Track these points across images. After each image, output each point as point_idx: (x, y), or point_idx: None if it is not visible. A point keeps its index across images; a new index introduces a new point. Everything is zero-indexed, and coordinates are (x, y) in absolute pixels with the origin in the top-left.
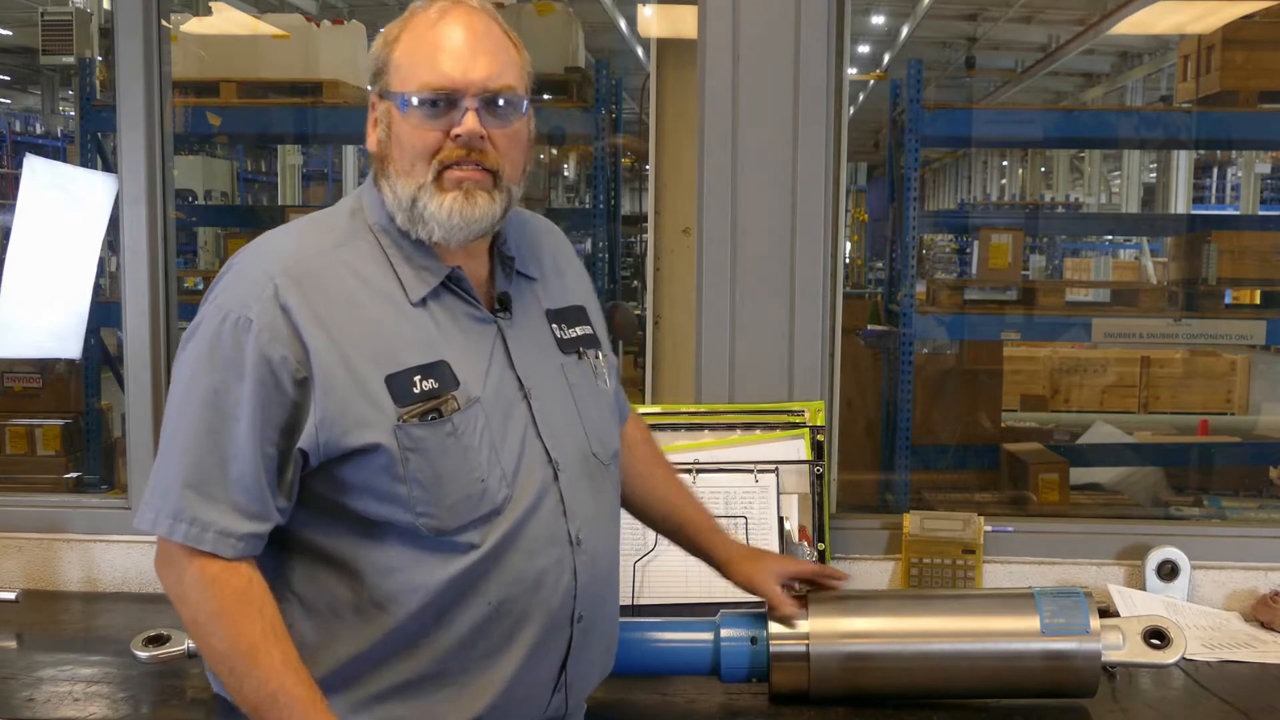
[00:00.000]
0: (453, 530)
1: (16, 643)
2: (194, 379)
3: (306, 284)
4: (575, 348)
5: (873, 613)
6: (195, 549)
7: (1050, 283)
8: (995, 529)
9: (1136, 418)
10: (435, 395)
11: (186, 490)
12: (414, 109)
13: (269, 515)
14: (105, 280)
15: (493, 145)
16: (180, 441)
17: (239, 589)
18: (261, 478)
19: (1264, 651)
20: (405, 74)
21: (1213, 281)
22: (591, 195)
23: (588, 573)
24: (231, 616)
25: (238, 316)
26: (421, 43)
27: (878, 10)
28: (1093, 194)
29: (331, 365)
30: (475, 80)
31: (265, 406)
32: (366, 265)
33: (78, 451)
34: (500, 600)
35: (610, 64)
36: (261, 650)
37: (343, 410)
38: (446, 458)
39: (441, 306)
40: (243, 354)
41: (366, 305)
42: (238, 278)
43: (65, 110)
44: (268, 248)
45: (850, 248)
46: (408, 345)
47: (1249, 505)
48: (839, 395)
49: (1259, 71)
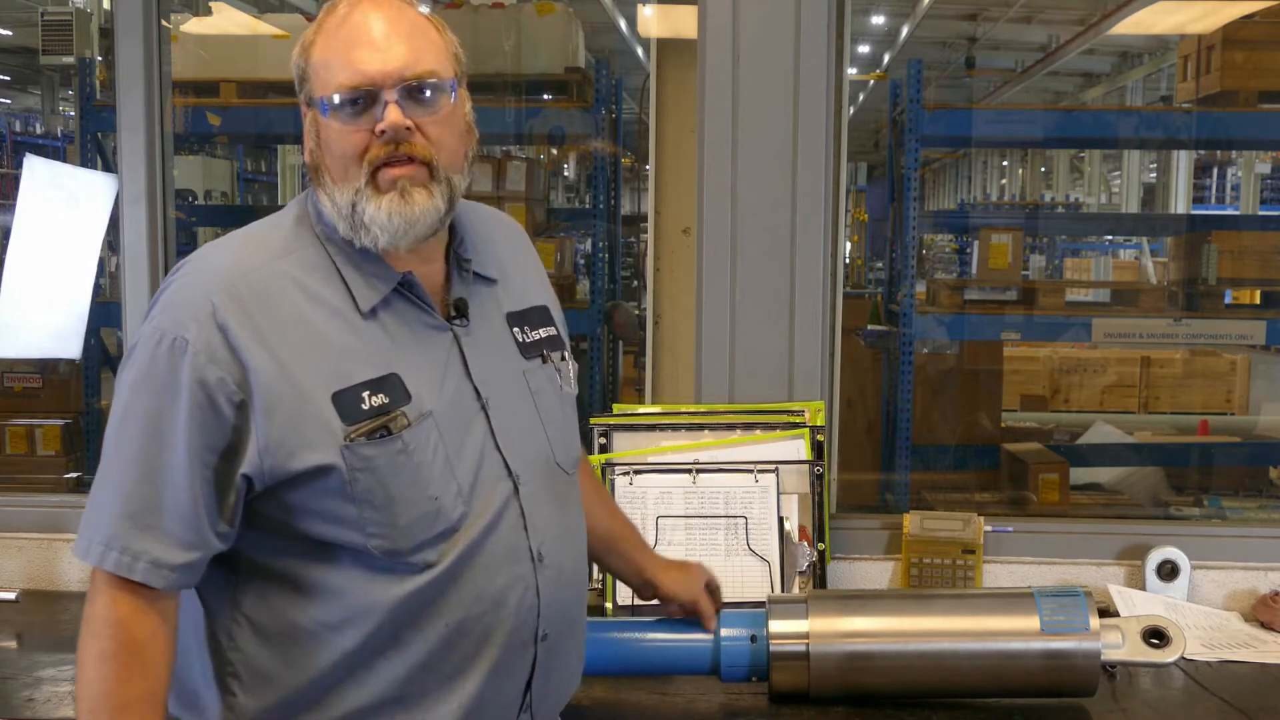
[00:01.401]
0: (406, 551)
1: (16, 643)
2: (130, 404)
3: (247, 300)
4: (538, 351)
5: (873, 612)
6: (118, 579)
7: (1050, 283)
8: (995, 529)
9: (1136, 418)
10: (385, 411)
11: (120, 519)
12: (335, 111)
13: (207, 544)
14: (105, 280)
15: (423, 135)
16: (115, 468)
17: (138, 641)
18: (199, 505)
19: (1264, 651)
20: (323, 78)
21: (1213, 281)
22: (591, 195)
23: (551, 588)
24: (119, 665)
25: (174, 338)
26: (333, 42)
27: (878, 10)
28: (1093, 194)
29: (274, 385)
30: (391, 71)
31: (202, 431)
32: (312, 276)
33: (78, 451)
34: (459, 620)
35: (610, 64)
36: (131, 713)
37: (287, 432)
38: (398, 476)
39: (394, 316)
40: (178, 377)
41: (312, 319)
42: (175, 296)
43: (65, 110)
44: (207, 262)
45: (850, 248)
46: (356, 359)
47: (1249, 505)
48: (839, 395)
49: (1259, 71)
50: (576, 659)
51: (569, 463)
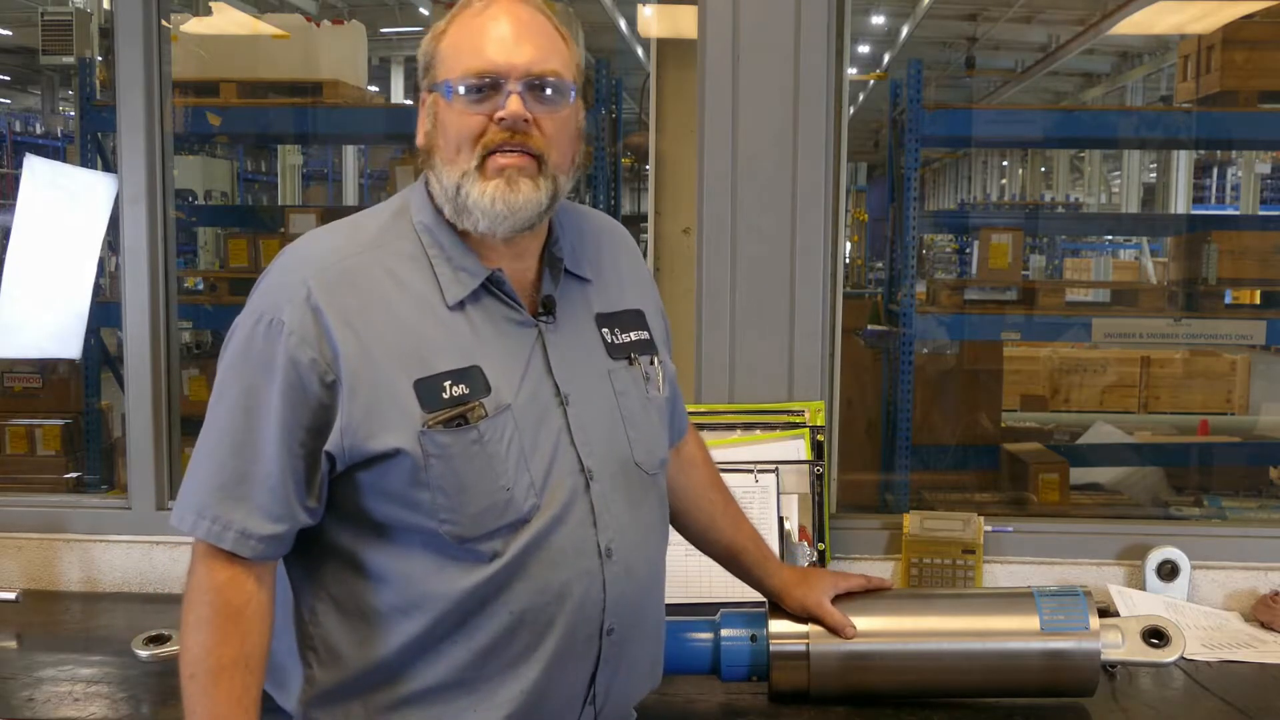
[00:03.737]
0: (476, 538)
1: (16, 643)
2: (228, 380)
3: (341, 286)
4: (626, 353)
5: (873, 612)
6: (214, 548)
7: (1050, 283)
8: (995, 529)
9: (1137, 418)
10: (464, 401)
11: (214, 489)
12: (459, 95)
13: (294, 517)
14: (105, 280)
15: (539, 130)
16: (211, 441)
17: (234, 605)
18: (288, 479)
19: (1264, 651)
20: (450, 62)
21: (1213, 281)
22: (591, 195)
23: (620, 585)
24: (216, 629)
25: (271, 319)
26: (466, 31)
27: (878, 10)
28: (1093, 194)
29: (359, 368)
30: (518, 64)
31: (294, 408)
32: (404, 266)
33: (78, 451)
34: (523, 610)
35: (610, 64)
36: (225, 676)
37: (368, 414)
38: (471, 465)
39: (480, 309)
40: (274, 356)
41: (400, 308)
42: (275, 279)
43: (65, 110)
44: (306, 249)
45: (850, 248)
46: (440, 349)
47: (1249, 505)
48: (839, 395)
49: (1259, 71)
50: (648, 658)
51: (650, 464)
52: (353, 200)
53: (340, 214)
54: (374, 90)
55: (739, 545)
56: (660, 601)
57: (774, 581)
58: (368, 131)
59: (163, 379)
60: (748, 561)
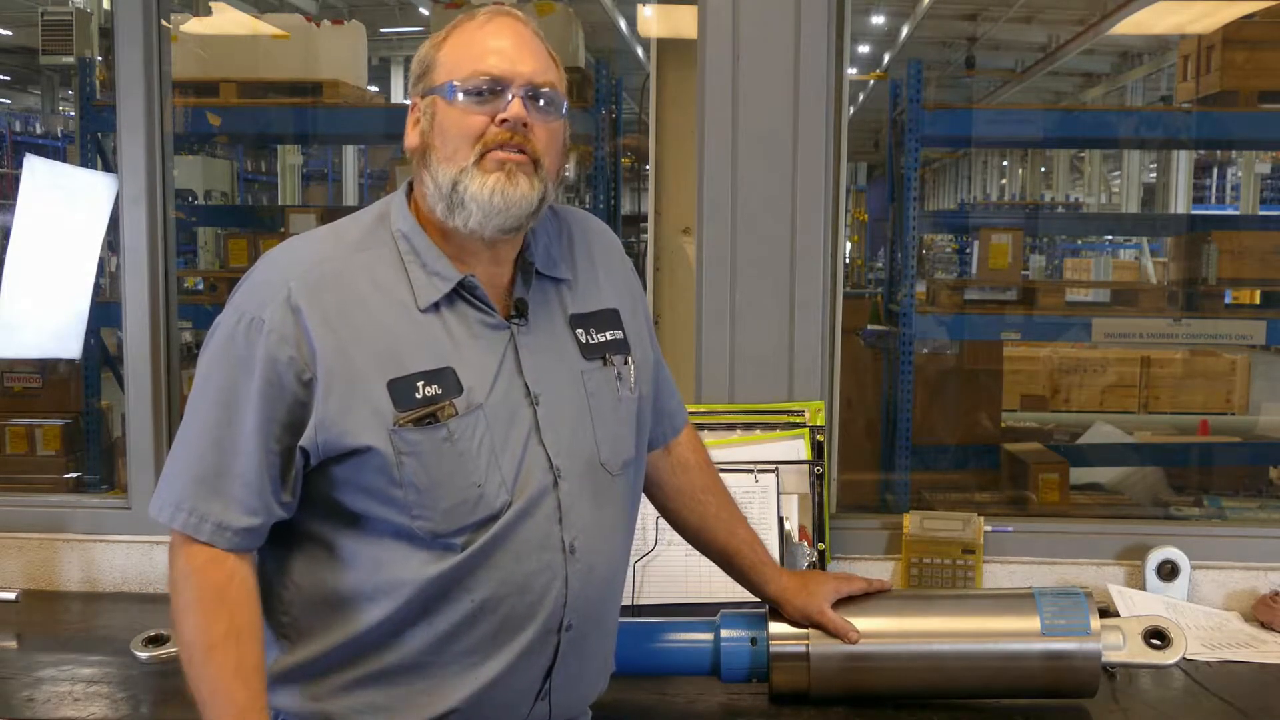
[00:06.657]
0: (448, 533)
1: (16, 643)
2: (208, 376)
3: (320, 288)
4: (600, 353)
5: (873, 613)
6: (190, 538)
7: (1050, 283)
8: (995, 529)
9: (1136, 418)
10: (436, 401)
11: (192, 482)
12: (461, 96)
13: (269, 511)
14: (105, 280)
15: (534, 135)
16: (190, 434)
17: (217, 584)
18: (264, 474)
19: (1264, 651)
20: (452, 66)
21: (1213, 281)
22: (591, 195)
23: (581, 581)
24: (202, 609)
25: (252, 318)
26: (469, 40)
27: (878, 10)
28: (1093, 194)
29: (336, 367)
30: (522, 72)
31: (272, 405)
32: (383, 270)
33: (78, 451)
34: (484, 599)
35: (610, 64)
36: (218, 651)
37: (342, 412)
38: (441, 462)
39: (454, 313)
40: (254, 353)
41: (377, 310)
42: (258, 279)
43: (65, 110)
44: (288, 252)
45: (850, 248)
46: (414, 350)
47: (1249, 505)
48: (839, 395)
49: (1259, 71)
50: (602, 659)
51: (614, 464)
52: (353, 200)
53: (340, 214)
54: (374, 90)
55: (733, 549)
56: (618, 603)
57: (771, 588)
58: (368, 131)
59: (163, 379)
60: (743, 566)
